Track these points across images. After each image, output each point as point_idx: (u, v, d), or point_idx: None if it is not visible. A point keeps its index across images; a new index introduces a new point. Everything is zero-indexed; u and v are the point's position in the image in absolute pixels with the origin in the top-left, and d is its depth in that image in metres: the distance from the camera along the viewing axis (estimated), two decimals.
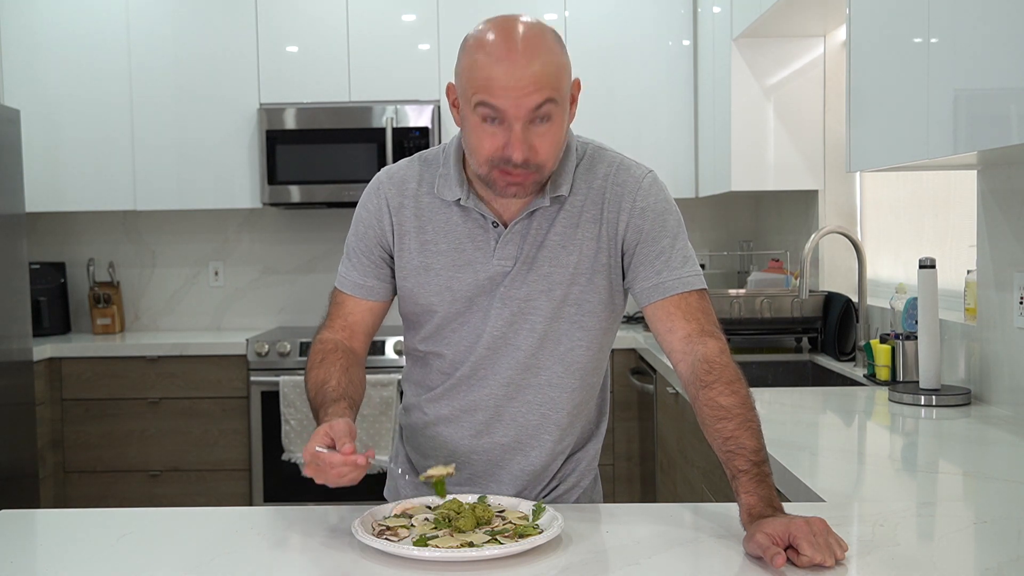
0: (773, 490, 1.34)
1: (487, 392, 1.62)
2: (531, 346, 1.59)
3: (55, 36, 4.24)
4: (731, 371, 1.46)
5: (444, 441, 1.66)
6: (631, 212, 1.56)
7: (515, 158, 1.42)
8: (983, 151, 1.83)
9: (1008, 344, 2.26)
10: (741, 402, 1.42)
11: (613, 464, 4.07)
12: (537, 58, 1.40)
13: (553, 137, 1.45)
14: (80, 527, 1.49)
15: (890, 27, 2.19)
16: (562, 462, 1.69)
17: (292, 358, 3.98)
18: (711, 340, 1.50)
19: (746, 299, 3.43)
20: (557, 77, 1.42)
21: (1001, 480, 1.70)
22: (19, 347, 3.71)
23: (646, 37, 4.26)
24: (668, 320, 1.54)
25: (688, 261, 1.57)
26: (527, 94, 1.40)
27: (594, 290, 1.58)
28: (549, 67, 1.41)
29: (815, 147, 3.64)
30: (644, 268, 1.56)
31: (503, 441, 1.64)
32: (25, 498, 3.71)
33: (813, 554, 1.20)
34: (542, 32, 1.44)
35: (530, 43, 1.41)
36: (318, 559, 1.31)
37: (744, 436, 1.38)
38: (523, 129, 1.42)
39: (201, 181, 4.29)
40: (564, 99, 1.46)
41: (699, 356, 1.48)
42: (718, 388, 1.43)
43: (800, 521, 1.24)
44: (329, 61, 4.25)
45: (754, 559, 1.25)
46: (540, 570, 1.24)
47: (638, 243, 1.56)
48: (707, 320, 1.54)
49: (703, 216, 4.63)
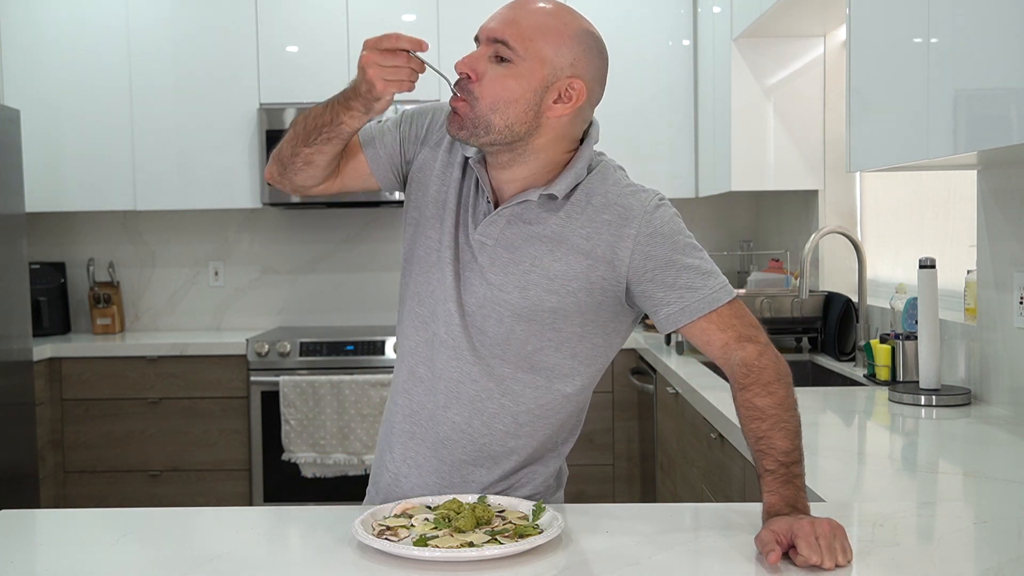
0: (801, 491, 1.33)
1: (455, 365, 1.56)
2: (498, 337, 1.54)
3: (55, 36, 4.24)
4: (769, 373, 1.44)
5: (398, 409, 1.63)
6: (636, 239, 1.50)
7: (456, 67, 1.47)
8: (983, 151, 1.83)
9: (1008, 344, 2.26)
10: (777, 403, 1.41)
11: (613, 464, 4.07)
12: (525, 8, 1.46)
13: (497, 82, 1.45)
14: (80, 527, 1.49)
15: (890, 27, 2.19)
16: (514, 465, 1.62)
17: (292, 358, 3.98)
18: (749, 345, 1.48)
19: (746, 299, 3.43)
20: (534, 32, 1.45)
21: (1001, 480, 1.70)
22: (19, 347, 3.71)
23: (646, 37, 4.26)
24: (703, 335, 1.51)
25: (710, 275, 1.51)
26: (496, 24, 1.46)
27: (578, 307, 1.53)
28: (527, 21, 1.45)
29: (815, 147, 3.64)
30: (665, 294, 1.50)
31: (456, 418, 1.58)
32: (25, 498, 3.71)
33: (809, 555, 1.20)
34: (560, 6, 1.49)
35: (535, 2, 1.47)
36: (318, 559, 1.31)
37: (776, 437, 1.38)
38: (481, 51, 1.47)
39: (201, 181, 4.29)
40: (529, 58, 1.45)
41: (737, 361, 1.47)
42: (754, 390, 1.43)
43: (805, 521, 1.24)
44: (329, 61, 4.24)
45: (756, 559, 1.25)
46: (540, 570, 1.24)
47: (650, 269, 1.50)
48: (743, 325, 1.50)
49: (703, 216, 4.63)
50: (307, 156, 1.54)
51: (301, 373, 3.94)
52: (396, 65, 1.40)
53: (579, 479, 4.02)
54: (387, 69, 1.39)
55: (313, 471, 3.88)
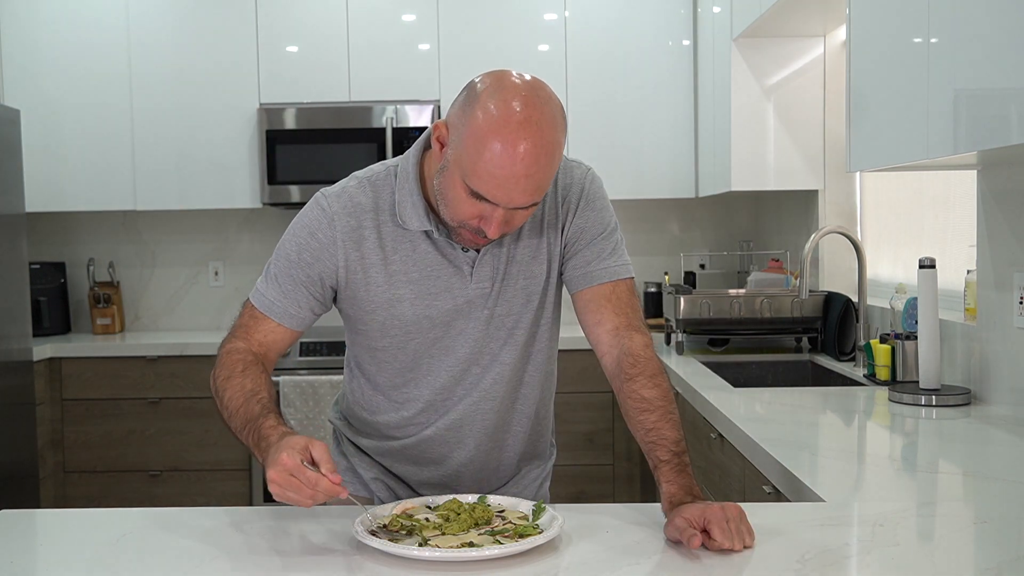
0: (693, 479, 1.40)
1: (471, 407, 1.64)
2: (515, 360, 1.62)
3: (55, 36, 4.24)
4: (654, 365, 1.52)
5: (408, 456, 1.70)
6: (576, 210, 1.59)
7: (490, 235, 1.45)
8: (983, 151, 1.83)
9: (1008, 344, 2.26)
10: (663, 395, 1.49)
11: (613, 464, 4.07)
12: (542, 170, 1.40)
13: (532, 210, 1.47)
14: (80, 527, 1.49)
15: (890, 27, 2.19)
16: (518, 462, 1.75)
17: (292, 358, 3.98)
18: (637, 335, 1.55)
19: (746, 299, 3.43)
20: (549, 177, 1.43)
21: (1001, 480, 1.70)
22: (19, 347, 3.71)
23: (646, 37, 4.26)
24: (598, 312, 1.58)
25: (618, 253, 1.60)
26: (522, 199, 1.41)
27: (551, 288, 1.62)
28: (548, 175, 1.42)
29: (815, 147, 3.64)
30: (577, 256, 1.59)
31: (469, 453, 1.67)
32: (25, 498, 3.71)
33: (722, 540, 1.26)
34: (552, 127, 1.40)
35: (536, 156, 1.38)
36: (318, 559, 1.31)
37: (665, 427, 1.45)
38: (506, 211, 1.43)
39: (201, 181, 4.29)
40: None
41: (625, 350, 1.53)
42: (641, 381, 1.50)
43: (716, 507, 1.29)
44: (329, 61, 4.24)
45: (667, 546, 1.25)
46: (540, 570, 1.24)
47: (576, 239, 1.59)
48: (634, 315, 1.58)
49: (703, 216, 4.63)
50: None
51: (301, 373, 3.94)
52: (298, 498, 1.30)
53: (579, 479, 4.03)
54: (303, 496, 1.30)
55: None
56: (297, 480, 1.28)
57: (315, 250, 1.54)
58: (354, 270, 1.55)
